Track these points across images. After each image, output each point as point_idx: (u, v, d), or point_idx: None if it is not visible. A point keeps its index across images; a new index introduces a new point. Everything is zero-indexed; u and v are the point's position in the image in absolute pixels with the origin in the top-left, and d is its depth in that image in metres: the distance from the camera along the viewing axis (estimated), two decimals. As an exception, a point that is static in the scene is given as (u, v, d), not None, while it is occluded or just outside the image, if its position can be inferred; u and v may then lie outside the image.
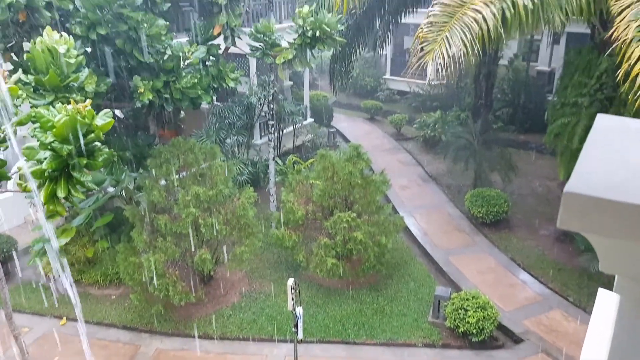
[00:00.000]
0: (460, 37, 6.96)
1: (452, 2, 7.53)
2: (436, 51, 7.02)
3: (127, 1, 8.69)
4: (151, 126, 12.07)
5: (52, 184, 6.21)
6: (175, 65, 10.22)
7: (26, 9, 8.15)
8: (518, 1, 6.99)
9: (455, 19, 7.21)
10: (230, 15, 10.85)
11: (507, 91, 19.99)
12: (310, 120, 19.39)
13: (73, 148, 5.99)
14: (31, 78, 7.10)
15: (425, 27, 7.46)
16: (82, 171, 6.21)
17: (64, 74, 7.16)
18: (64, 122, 5.77)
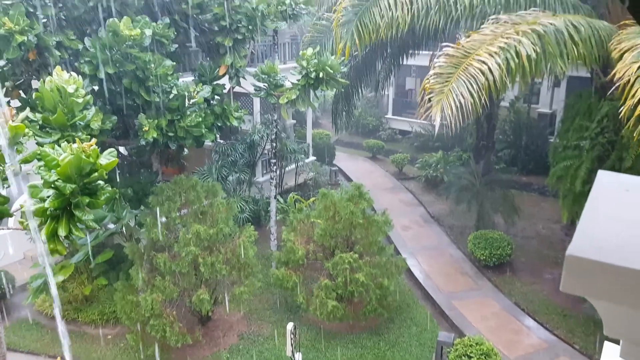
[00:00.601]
0: (467, 88, 7.07)
1: (456, 52, 7.68)
2: (444, 102, 7.11)
3: (135, 42, 8.87)
4: (154, 163, 12.12)
5: (54, 222, 6.17)
6: (181, 104, 10.34)
7: (37, 48, 8.32)
8: (522, 51, 7.13)
9: (460, 69, 7.34)
10: (235, 56, 11.07)
11: (509, 132, 20.17)
12: (312, 159, 19.50)
13: (76, 187, 5.99)
14: (39, 116, 7.17)
15: (432, 78, 7.58)
16: (84, 210, 6.18)
17: (71, 112, 7.24)
18: (68, 161, 5.78)
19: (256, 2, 10.96)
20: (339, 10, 10.51)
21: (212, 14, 10.86)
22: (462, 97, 7.05)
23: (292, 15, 11.67)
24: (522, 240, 14.41)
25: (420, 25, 10.23)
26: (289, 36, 19.55)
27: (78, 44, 8.96)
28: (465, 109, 7.09)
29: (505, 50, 7.23)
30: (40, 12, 8.35)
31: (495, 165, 17.67)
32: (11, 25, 7.48)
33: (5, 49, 7.66)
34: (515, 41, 7.24)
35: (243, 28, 10.89)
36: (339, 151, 23.02)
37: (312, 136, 20.66)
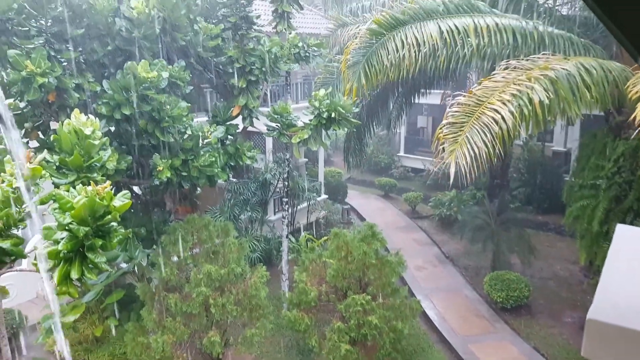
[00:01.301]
0: (480, 137, 7.06)
1: (469, 101, 7.71)
2: (458, 152, 7.09)
3: (152, 84, 9.06)
4: (167, 203, 12.18)
5: (67, 265, 6.17)
6: (195, 145, 10.46)
7: (56, 90, 8.53)
8: (534, 98, 7.13)
9: (474, 118, 7.35)
10: (249, 97, 11.25)
11: (523, 171, 20.01)
12: (324, 197, 19.47)
13: (89, 229, 6.00)
14: (56, 158, 7.28)
15: (445, 128, 7.60)
16: (96, 252, 6.18)
17: (87, 154, 7.34)
18: (82, 204, 5.82)
19: (270, 45, 11.22)
20: (346, 53, 10.70)
21: (226, 57, 11.11)
22: (477, 146, 7.03)
23: (305, 57, 11.89)
24: (539, 282, 14.05)
25: (429, 66, 10.34)
26: (301, 76, 19.93)
27: (96, 86, 9.18)
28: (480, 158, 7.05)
29: (517, 97, 7.24)
30: (61, 56, 8.61)
31: (510, 204, 17.45)
32: (33, 67, 7.71)
33: (26, 90, 7.87)
34: (527, 87, 7.26)
35: (256, 70, 11.12)
36: (351, 189, 22.98)
37: (324, 174, 20.70)
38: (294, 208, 17.02)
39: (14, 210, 6.45)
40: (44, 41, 8.27)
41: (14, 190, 6.43)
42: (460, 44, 8.93)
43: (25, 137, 9.46)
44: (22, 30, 8.08)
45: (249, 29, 11.42)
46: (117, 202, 6.32)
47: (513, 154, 17.93)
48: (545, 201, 18.80)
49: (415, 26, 9.10)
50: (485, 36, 8.58)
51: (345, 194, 21.91)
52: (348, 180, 23.68)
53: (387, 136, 26.98)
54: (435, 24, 9.00)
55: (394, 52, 9.19)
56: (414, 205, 20.94)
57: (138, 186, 12.65)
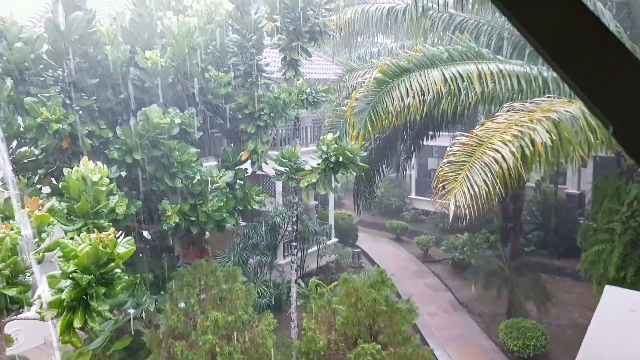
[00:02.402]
0: (481, 177, 7.03)
1: (470, 141, 7.74)
2: (457, 190, 7.06)
3: (164, 129, 9.23)
4: (176, 247, 12.16)
5: (70, 313, 6.12)
6: (203, 190, 10.53)
7: (70, 136, 8.72)
8: (536, 139, 7.13)
9: (474, 158, 7.35)
10: (258, 142, 11.38)
11: (537, 214, 19.72)
12: (334, 240, 19.30)
13: (92, 277, 5.98)
14: (64, 205, 7.36)
15: (445, 166, 7.61)
16: (100, 300, 6.13)
17: (95, 200, 7.41)
18: (85, 252, 5.83)
19: (278, 91, 11.44)
20: (352, 100, 10.87)
21: (236, 103, 11.33)
22: (477, 185, 6.99)
23: (313, 102, 12.08)
24: (557, 330, 13.56)
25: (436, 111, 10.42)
26: (311, 120, 20.19)
27: (108, 132, 9.37)
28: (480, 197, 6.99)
29: (519, 138, 7.23)
30: (76, 104, 8.85)
31: (524, 248, 17.11)
32: (48, 114, 7.92)
33: (41, 137, 8.06)
34: (529, 129, 7.26)
35: (265, 115, 11.29)
36: (362, 232, 22.79)
37: (334, 217, 20.60)
38: (303, 252, 16.86)
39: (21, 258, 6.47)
40: (60, 90, 8.53)
41: (22, 238, 6.46)
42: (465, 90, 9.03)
43: (38, 184, 9.60)
44: (39, 80, 8.36)
45: (258, 76, 11.69)
46: (121, 249, 6.31)
47: (525, 197, 17.72)
48: (561, 245, 18.40)
49: (420, 73, 9.25)
50: (490, 82, 8.68)
51: (356, 237, 21.72)
52: (359, 223, 23.51)
53: (397, 178, 26.95)
54: (439, 71, 9.14)
55: (399, 99, 9.31)
56: (426, 248, 20.63)
57: (147, 231, 12.69)
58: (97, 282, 6.07)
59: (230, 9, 11.91)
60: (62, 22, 7.87)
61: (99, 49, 9.09)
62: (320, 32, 12.36)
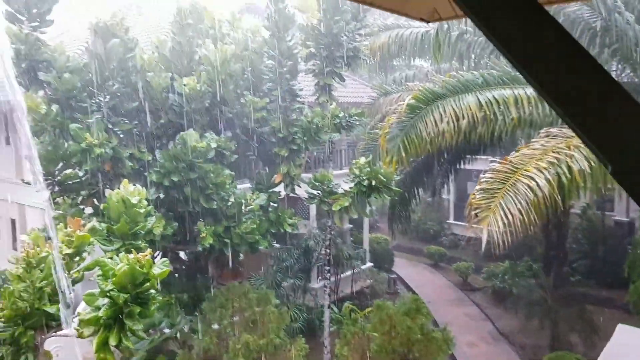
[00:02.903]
0: (515, 205, 6.86)
1: (504, 168, 7.58)
2: (491, 218, 6.90)
3: (200, 153, 9.48)
4: (210, 269, 12.33)
5: (106, 331, 6.27)
6: (237, 212, 10.70)
7: (112, 159, 9.09)
8: (574, 166, 6.91)
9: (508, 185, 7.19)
10: (291, 165, 11.52)
11: (583, 242, 18.87)
12: (369, 265, 19.07)
13: (129, 296, 6.13)
14: (104, 225, 7.63)
15: (478, 194, 7.46)
16: (134, 319, 6.27)
17: (133, 222, 7.66)
18: (123, 271, 6.00)
19: (311, 116, 11.59)
20: (385, 127, 10.87)
21: (270, 127, 11.54)
22: (511, 213, 6.80)
23: (346, 126, 12.16)
24: (604, 364, 12.82)
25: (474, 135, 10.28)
26: (346, 143, 20.26)
27: (148, 155, 9.71)
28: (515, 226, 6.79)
29: (555, 166, 7.02)
30: (118, 128, 9.24)
31: (569, 277, 16.38)
32: (91, 139, 8.30)
33: (85, 160, 8.44)
34: (567, 156, 7.04)
35: (298, 139, 11.44)
36: (398, 257, 22.42)
37: (370, 241, 20.40)
38: (337, 276, 16.73)
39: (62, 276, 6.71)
40: (102, 115, 8.95)
41: (64, 257, 6.72)
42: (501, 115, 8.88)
43: (82, 204, 10.00)
44: (83, 106, 8.81)
45: (292, 101, 11.91)
46: (157, 270, 6.46)
47: (570, 224, 17.06)
48: (609, 275, 17.48)
49: (454, 99, 9.19)
50: (527, 107, 8.52)
51: (391, 262, 21.37)
52: (395, 248, 23.16)
53: (435, 202, 26.51)
54: (474, 97, 9.05)
55: (433, 125, 9.26)
56: (465, 276, 20.06)
57: (184, 251, 12.95)
58: (132, 301, 6.21)
59: (267, 36, 12.25)
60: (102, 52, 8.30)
61: (141, 76, 9.51)
62: (354, 57, 12.52)
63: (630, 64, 10.35)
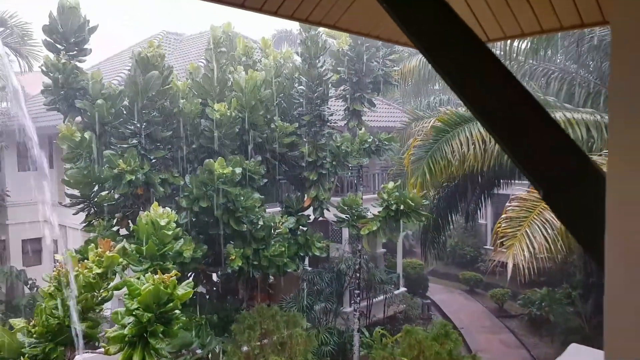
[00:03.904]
0: (541, 233, 6.69)
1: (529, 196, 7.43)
2: (516, 247, 6.76)
3: (227, 178, 9.76)
4: (240, 290, 12.49)
5: (130, 349, 6.48)
6: (266, 235, 10.87)
7: (144, 184, 9.47)
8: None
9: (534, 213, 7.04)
10: (320, 189, 11.64)
11: (624, 268, 18.01)
12: (402, 290, 18.79)
13: (152, 315, 6.34)
14: (133, 246, 7.94)
15: (504, 222, 7.33)
16: (158, 338, 6.46)
17: (162, 243, 7.94)
18: (148, 290, 6.22)
19: (340, 140, 11.74)
20: (410, 148, 10.87)
21: (299, 151, 11.75)
22: (537, 242, 6.63)
23: (376, 151, 12.22)
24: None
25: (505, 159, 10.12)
26: (379, 167, 20.26)
27: (180, 180, 10.06)
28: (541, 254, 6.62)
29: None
30: (151, 154, 9.65)
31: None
32: (124, 166, 8.71)
33: (117, 186, 8.84)
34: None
35: (327, 164, 11.59)
36: (433, 282, 21.99)
37: (404, 266, 20.13)
38: (369, 300, 16.57)
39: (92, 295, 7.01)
40: (137, 141, 9.39)
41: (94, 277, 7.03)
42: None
43: (116, 226, 10.43)
44: (118, 132, 9.27)
45: (322, 125, 12.11)
46: (181, 291, 6.66)
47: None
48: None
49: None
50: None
51: (426, 288, 20.99)
52: (430, 273, 22.75)
53: (470, 228, 25.93)
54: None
55: (459, 148, 9.20)
56: (501, 302, 19.45)
57: (215, 273, 13.20)
58: (156, 320, 6.42)
59: (298, 63, 12.58)
60: (140, 81, 8.76)
61: (174, 103, 9.95)
62: (384, 82, 12.65)
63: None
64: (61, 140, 8.49)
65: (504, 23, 2.66)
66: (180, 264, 9.38)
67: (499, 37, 2.82)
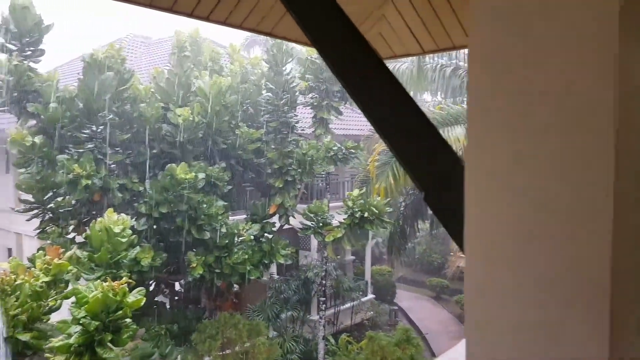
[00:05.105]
0: None
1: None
2: None
3: (189, 184, 9.61)
4: (202, 299, 12.28)
5: (77, 359, 6.27)
6: (229, 242, 10.73)
7: (101, 190, 9.24)
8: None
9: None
10: (285, 196, 11.58)
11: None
12: (370, 297, 18.81)
13: (100, 324, 6.15)
14: (85, 254, 7.72)
15: None
16: (106, 347, 6.26)
17: (115, 251, 7.74)
18: (95, 298, 6.04)
19: (307, 148, 11.71)
20: (375, 154, 10.93)
21: (265, 158, 11.67)
22: None
23: (342, 158, 12.23)
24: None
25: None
26: (349, 175, 20.30)
27: (140, 186, 9.85)
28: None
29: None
30: (109, 158, 9.43)
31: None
32: (80, 170, 8.47)
33: (72, 191, 8.59)
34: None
35: (293, 171, 11.54)
36: (402, 289, 22.09)
37: (373, 273, 20.15)
38: (336, 308, 16.52)
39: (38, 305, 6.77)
40: (95, 146, 9.16)
41: (41, 285, 6.79)
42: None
43: (73, 232, 10.14)
44: (74, 136, 9.03)
45: (289, 133, 12.07)
46: (132, 298, 6.48)
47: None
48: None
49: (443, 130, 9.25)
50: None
51: (394, 295, 21.07)
52: (400, 280, 22.85)
53: (441, 234, 26.21)
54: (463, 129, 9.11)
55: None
56: (468, 309, 19.64)
57: (178, 282, 12.95)
58: (105, 329, 6.23)
59: (265, 70, 12.53)
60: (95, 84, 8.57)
61: (135, 107, 9.75)
62: (350, 90, 12.68)
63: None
64: (11, 144, 8.22)
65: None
66: (138, 273, 9.14)
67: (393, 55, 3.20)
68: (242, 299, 16.40)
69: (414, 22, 3.23)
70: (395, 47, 3.67)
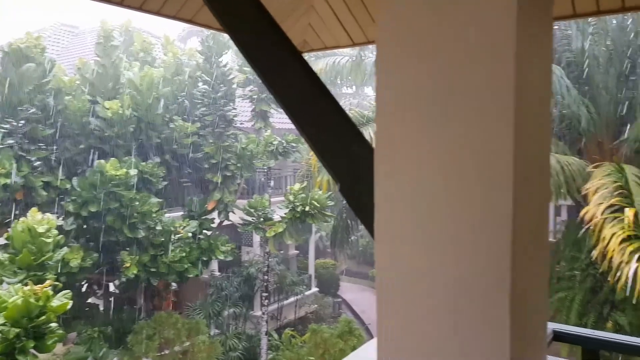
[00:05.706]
0: None
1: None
2: None
3: (120, 181, 9.20)
4: (138, 299, 11.85)
5: (-3, 369, 5.86)
6: (165, 240, 10.40)
7: (23, 188, 8.66)
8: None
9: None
10: (224, 191, 11.36)
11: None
12: (314, 290, 18.89)
13: (21, 330, 5.77)
14: (6, 256, 7.21)
15: None
16: (28, 355, 5.89)
17: (40, 252, 7.28)
18: (14, 304, 5.66)
19: (246, 142, 11.53)
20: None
21: (203, 153, 11.38)
22: None
23: (282, 152, 12.14)
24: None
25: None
26: (292, 169, 20.23)
27: (66, 183, 9.32)
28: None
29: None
30: (31, 155, 8.85)
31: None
32: (-3, 168, 7.90)
33: (-10, 190, 8.00)
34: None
35: (232, 166, 11.33)
36: (346, 282, 22.36)
37: (316, 266, 20.25)
38: (280, 303, 16.47)
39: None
40: (14, 141, 8.56)
41: (-46, 291, 6.28)
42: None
43: (-5, 234, 9.46)
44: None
45: (227, 127, 11.82)
46: (56, 302, 6.14)
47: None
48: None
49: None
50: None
51: (337, 287, 21.28)
52: (345, 272, 23.12)
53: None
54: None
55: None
56: (408, 298, 20.19)
57: (112, 282, 12.41)
58: (27, 335, 5.85)
59: (201, 61, 12.19)
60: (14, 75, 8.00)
61: (59, 99, 9.20)
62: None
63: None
64: None
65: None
66: (67, 274, 8.67)
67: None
68: (181, 297, 15.98)
69: (343, 13, 3.23)
70: (325, 39, 3.67)
